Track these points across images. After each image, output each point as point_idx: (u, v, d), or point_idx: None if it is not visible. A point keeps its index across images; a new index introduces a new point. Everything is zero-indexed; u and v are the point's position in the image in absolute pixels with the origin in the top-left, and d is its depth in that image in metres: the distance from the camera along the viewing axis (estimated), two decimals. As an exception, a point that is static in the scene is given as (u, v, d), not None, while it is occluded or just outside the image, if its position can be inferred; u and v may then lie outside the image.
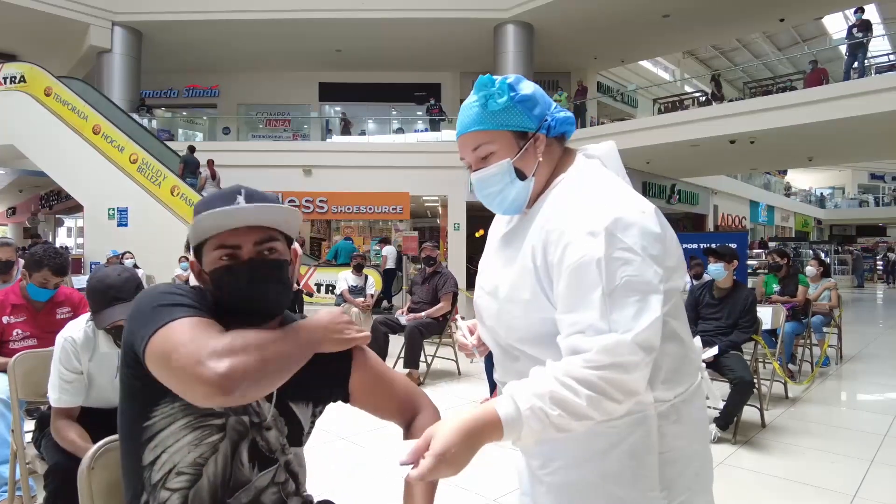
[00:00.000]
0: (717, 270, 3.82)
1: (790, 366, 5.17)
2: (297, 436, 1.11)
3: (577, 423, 0.89)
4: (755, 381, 3.67)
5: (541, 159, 1.08)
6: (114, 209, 11.77)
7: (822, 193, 32.48)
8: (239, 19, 14.47)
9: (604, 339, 0.88)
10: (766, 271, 6.36)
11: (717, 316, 3.83)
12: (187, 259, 8.68)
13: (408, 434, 1.15)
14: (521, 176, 1.07)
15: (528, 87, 1.08)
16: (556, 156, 1.11)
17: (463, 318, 1.34)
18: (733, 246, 8.04)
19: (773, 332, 4.71)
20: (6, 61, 13.37)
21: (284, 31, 14.97)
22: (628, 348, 0.88)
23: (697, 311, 3.94)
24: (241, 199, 0.99)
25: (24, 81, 12.54)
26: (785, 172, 28.30)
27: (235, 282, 0.98)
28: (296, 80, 17.76)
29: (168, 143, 13.76)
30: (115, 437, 1.08)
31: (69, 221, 22.58)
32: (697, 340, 1.23)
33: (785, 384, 4.48)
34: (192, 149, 12.83)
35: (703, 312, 3.92)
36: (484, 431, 0.86)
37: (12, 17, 13.75)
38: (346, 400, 1.16)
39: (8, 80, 12.65)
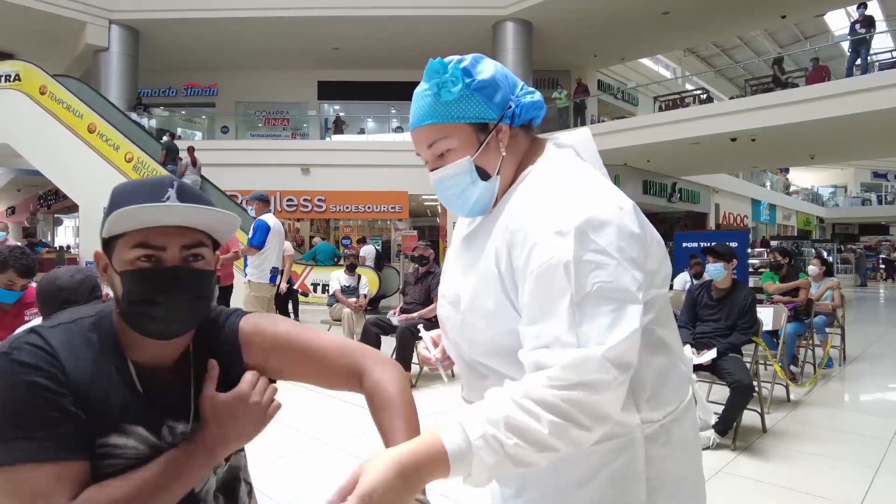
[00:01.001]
0: (716, 270, 3.70)
1: (792, 367, 5.05)
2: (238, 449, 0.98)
3: (539, 455, 0.76)
4: (755, 384, 3.55)
5: (504, 154, 0.95)
6: (109, 208, 11.66)
7: (819, 191, 32.34)
8: (237, 17, 14.36)
9: (570, 353, 0.76)
10: (767, 269, 6.26)
11: (716, 317, 3.71)
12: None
13: (370, 404, 0.98)
14: (484, 175, 0.94)
15: (486, 70, 0.95)
16: (522, 147, 0.98)
17: (425, 329, 1.23)
18: (733, 244, 7.95)
19: (773, 333, 4.60)
20: (1, 60, 13.28)
21: (283, 29, 14.87)
22: (598, 364, 0.76)
23: (695, 312, 3.82)
24: (171, 192, 0.84)
25: (19, 80, 12.43)
26: (787, 171, 28.16)
27: (151, 289, 0.83)
28: (294, 79, 17.66)
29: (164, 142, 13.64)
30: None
31: (68, 221, 22.52)
32: (688, 350, 1.11)
33: (787, 387, 4.37)
34: (172, 136, 12.80)
35: (701, 314, 3.80)
36: (424, 468, 0.73)
37: (8, 16, 13.64)
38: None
39: (2, 79, 12.55)
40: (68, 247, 18.29)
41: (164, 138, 12.77)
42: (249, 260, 5.37)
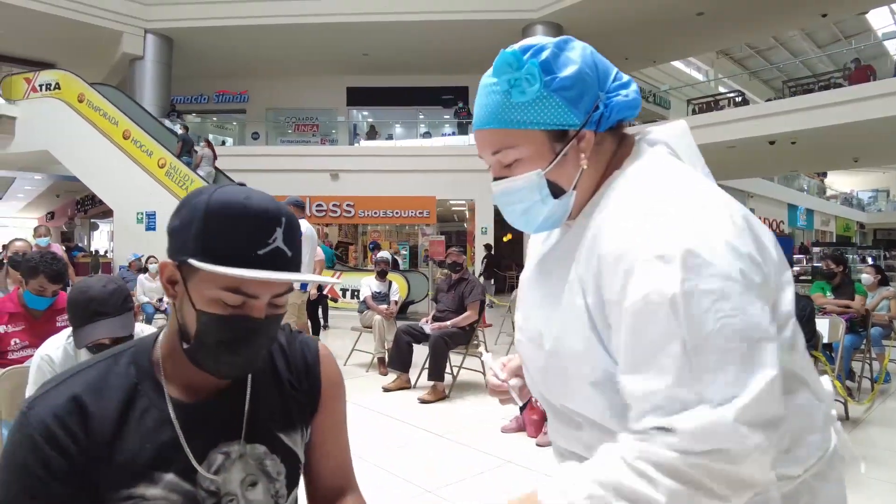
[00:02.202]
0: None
1: (848, 382, 4.76)
2: (295, 475, 0.90)
3: None
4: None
5: (584, 167, 0.79)
6: (142, 213, 11.84)
7: (858, 195, 31.21)
8: (268, 24, 14.50)
9: (693, 417, 0.61)
10: (812, 278, 5.93)
11: (771, 329, 3.48)
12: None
13: None
14: (557, 191, 0.79)
15: (571, 66, 0.77)
16: (608, 153, 0.82)
17: (488, 351, 1.09)
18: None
19: (827, 347, 4.32)
20: (43, 69, 13.65)
21: (312, 35, 14.96)
22: (731, 430, 0.60)
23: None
24: (279, 233, 0.75)
25: (59, 88, 12.78)
26: (824, 175, 27.28)
27: (233, 338, 0.76)
28: (323, 85, 17.76)
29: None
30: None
31: (104, 225, 23.06)
32: (826, 381, 0.88)
33: (845, 404, 4.09)
34: (186, 128, 13.05)
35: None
36: None
37: (49, 27, 14.02)
38: (305, 431, 0.96)
39: (43, 88, 12.92)
40: (105, 252, 18.68)
41: (180, 131, 12.95)
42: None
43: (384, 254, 11.32)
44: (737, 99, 15.53)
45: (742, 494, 0.63)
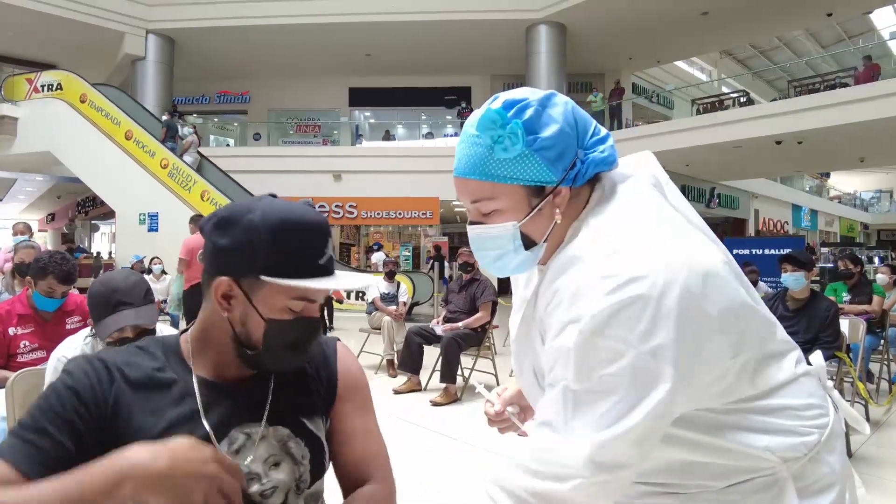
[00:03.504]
0: (795, 280, 3.38)
1: (867, 384, 4.68)
2: (320, 462, 0.92)
3: None
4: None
5: (559, 221, 0.82)
6: (144, 214, 11.77)
7: (861, 195, 31.16)
8: (270, 24, 14.45)
9: (546, 438, 0.77)
10: (820, 278, 5.85)
11: (794, 330, 3.40)
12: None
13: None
14: (529, 243, 0.83)
15: (552, 125, 0.80)
16: (581, 203, 0.85)
17: (484, 385, 1.14)
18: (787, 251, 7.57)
19: (846, 349, 4.24)
20: (45, 70, 13.59)
21: (315, 35, 14.91)
22: (574, 458, 0.73)
23: (770, 324, 3.52)
24: (329, 249, 0.87)
25: (61, 89, 12.72)
26: (828, 175, 27.21)
27: (301, 338, 0.86)
28: (326, 86, 17.71)
29: (199, 149, 13.76)
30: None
31: (104, 227, 22.98)
32: (817, 356, 0.95)
33: (866, 406, 4.02)
34: (171, 114, 13.07)
35: (776, 326, 3.50)
36: None
37: (52, 28, 13.98)
38: (327, 417, 0.99)
39: (45, 88, 12.86)
40: (110, 253, 18.62)
41: (164, 116, 12.94)
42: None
43: (379, 255, 11.27)
44: (741, 99, 15.48)
45: None
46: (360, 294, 10.53)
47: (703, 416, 0.80)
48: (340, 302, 10.65)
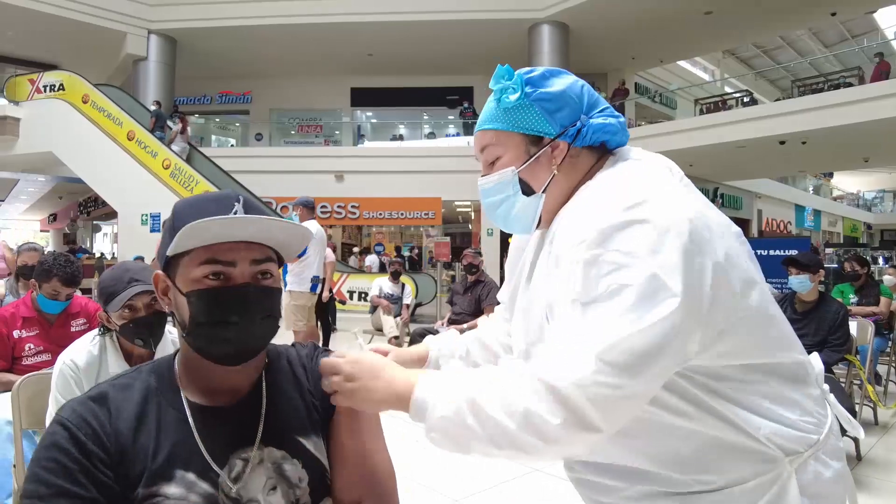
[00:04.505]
0: (800, 283, 3.35)
1: (876, 386, 4.64)
2: (321, 483, 0.87)
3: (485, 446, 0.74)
4: (853, 407, 3.21)
5: (556, 172, 0.89)
6: (147, 215, 11.76)
7: (864, 195, 31.08)
8: (271, 24, 14.42)
9: (558, 350, 0.74)
10: (825, 279, 5.81)
11: (803, 332, 3.37)
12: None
13: None
14: (528, 190, 0.90)
15: (556, 84, 0.90)
16: (583, 167, 0.91)
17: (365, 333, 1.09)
18: (792, 254, 7.51)
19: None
20: (47, 70, 13.58)
21: (316, 35, 14.88)
22: (590, 364, 0.70)
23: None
24: (238, 207, 0.81)
25: (63, 89, 12.71)
26: (830, 175, 27.15)
27: (222, 309, 0.78)
28: (327, 86, 17.68)
29: (200, 149, 13.76)
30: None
31: (106, 227, 22.99)
32: (815, 359, 0.96)
33: (875, 408, 3.99)
34: (159, 104, 13.26)
35: (784, 328, 3.47)
36: (395, 392, 0.81)
37: (54, 28, 13.97)
38: (325, 435, 0.93)
39: (47, 89, 12.85)
40: (112, 254, 18.62)
41: (153, 106, 12.99)
42: (289, 268, 5.18)
43: (373, 258, 11.15)
44: (745, 99, 15.44)
45: (578, 433, 0.70)
46: (364, 294, 10.51)
47: (705, 380, 0.80)
48: (343, 303, 10.63)
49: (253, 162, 14.25)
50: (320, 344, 5.60)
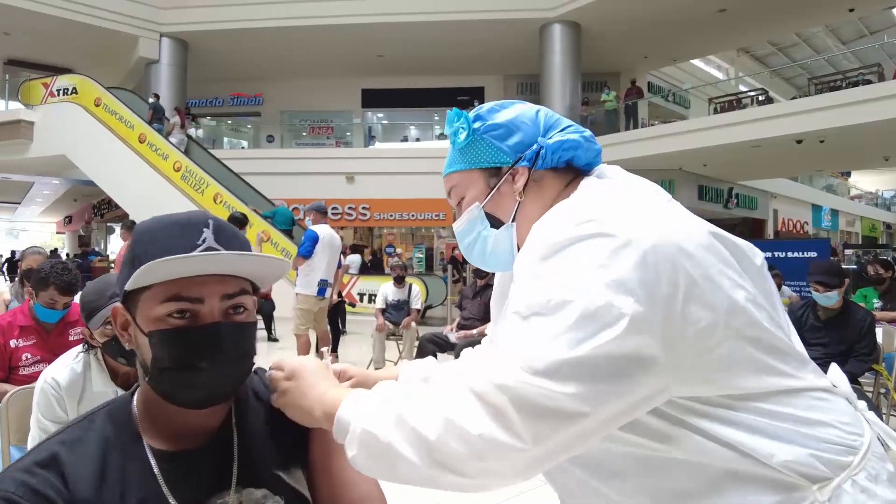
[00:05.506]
0: (828, 299, 3.15)
1: (898, 395, 4.48)
2: None
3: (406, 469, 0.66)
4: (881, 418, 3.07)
5: (519, 199, 0.86)
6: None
7: (883, 195, 30.51)
8: (282, 26, 14.44)
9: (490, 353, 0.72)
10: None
11: (825, 341, 3.24)
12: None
13: None
14: (496, 223, 0.88)
15: (505, 114, 0.88)
16: (551, 190, 0.87)
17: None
18: (812, 255, 7.32)
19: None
20: (60, 74, 13.71)
21: (327, 37, 14.88)
22: (508, 371, 0.65)
23: (800, 335, 3.35)
24: (207, 234, 0.71)
25: (76, 93, 12.80)
26: (848, 174, 26.71)
27: (189, 353, 0.69)
28: (338, 87, 17.68)
29: (211, 151, 13.80)
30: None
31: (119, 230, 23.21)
32: (835, 372, 0.85)
33: (901, 419, 3.83)
34: (157, 96, 13.35)
35: (806, 337, 3.34)
36: (316, 414, 0.77)
37: (68, 33, 14.14)
38: (304, 467, 0.86)
39: (61, 92, 12.95)
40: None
41: (151, 99, 13.06)
42: (299, 270, 5.17)
43: (354, 257, 10.93)
44: (760, 98, 15.19)
45: (501, 440, 0.62)
46: (374, 297, 10.45)
47: (698, 406, 0.71)
48: (353, 305, 10.57)
49: (264, 164, 14.27)
50: (329, 347, 5.56)
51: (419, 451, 0.65)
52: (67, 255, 21.14)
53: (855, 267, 8.54)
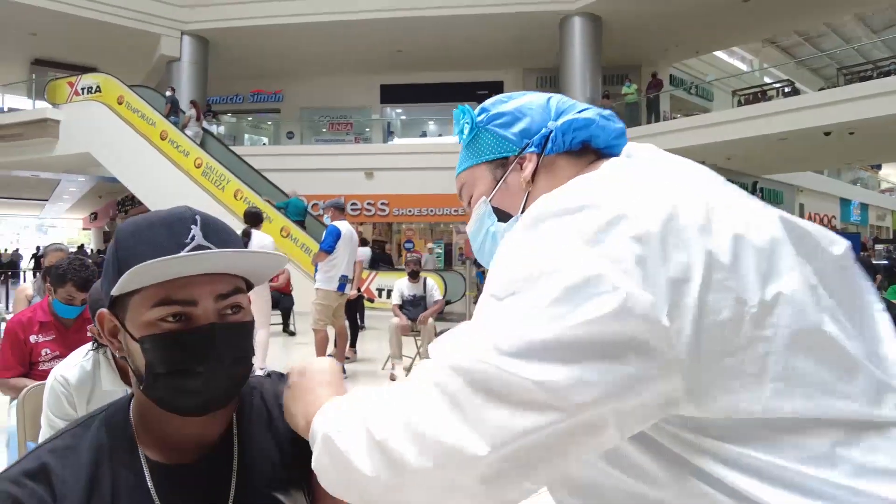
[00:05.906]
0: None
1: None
2: None
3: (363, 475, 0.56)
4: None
5: (528, 189, 0.77)
6: (179, 214, 11.95)
7: None
8: (301, 23, 14.52)
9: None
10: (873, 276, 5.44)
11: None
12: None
13: None
14: (505, 217, 0.79)
15: (512, 102, 0.82)
16: (567, 175, 0.74)
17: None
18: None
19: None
20: (85, 73, 13.96)
21: (346, 33, 14.91)
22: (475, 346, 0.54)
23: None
24: (195, 230, 0.68)
25: (100, 91, 13.00)
26: (879, 167, 25.99)
27: (183, 358, 0.65)
28: (357, 83, 17.72)
29: (232, 148, 13.92)
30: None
31: (144, 226, 23.59)
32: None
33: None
34: (173, 89, 13.63)
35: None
36: (301, 422, 0.70)
37: (92, 33, 14.41)
38: (307, 492, 0.79)
39: (85, 91, 13.16)
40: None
41: (167, 93, 13.25)
42: (319, 266, 5.20)
43: (365, 250, 10.87)
44: (786, 89, 14.84)
45: (456, 435, 0.52)
46: (391, 292, 10.44)
47: (693, 438, 0.54)
48: (371, 301, 10.59)
49: (284, 160, 14.36)
50: (348, 343, 5.56)
51: (373, 458, 0.55)
52: (92, 250, 21.58)
53: (886, 262, 8.31)
